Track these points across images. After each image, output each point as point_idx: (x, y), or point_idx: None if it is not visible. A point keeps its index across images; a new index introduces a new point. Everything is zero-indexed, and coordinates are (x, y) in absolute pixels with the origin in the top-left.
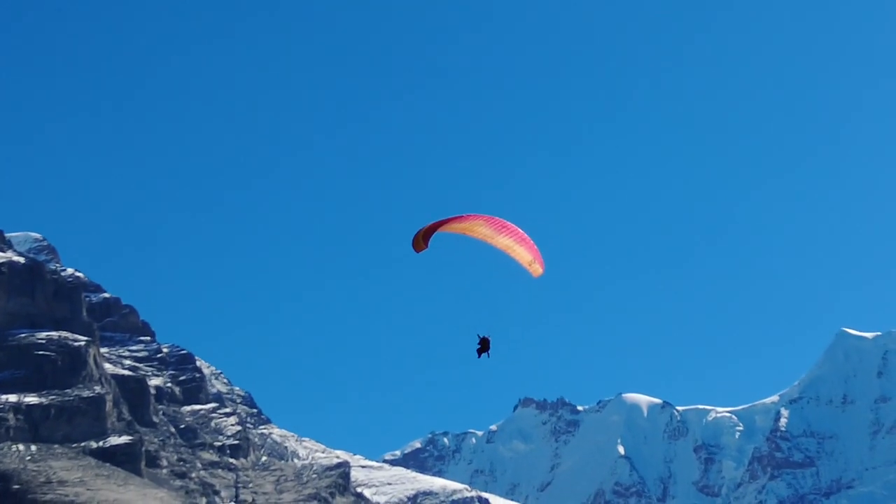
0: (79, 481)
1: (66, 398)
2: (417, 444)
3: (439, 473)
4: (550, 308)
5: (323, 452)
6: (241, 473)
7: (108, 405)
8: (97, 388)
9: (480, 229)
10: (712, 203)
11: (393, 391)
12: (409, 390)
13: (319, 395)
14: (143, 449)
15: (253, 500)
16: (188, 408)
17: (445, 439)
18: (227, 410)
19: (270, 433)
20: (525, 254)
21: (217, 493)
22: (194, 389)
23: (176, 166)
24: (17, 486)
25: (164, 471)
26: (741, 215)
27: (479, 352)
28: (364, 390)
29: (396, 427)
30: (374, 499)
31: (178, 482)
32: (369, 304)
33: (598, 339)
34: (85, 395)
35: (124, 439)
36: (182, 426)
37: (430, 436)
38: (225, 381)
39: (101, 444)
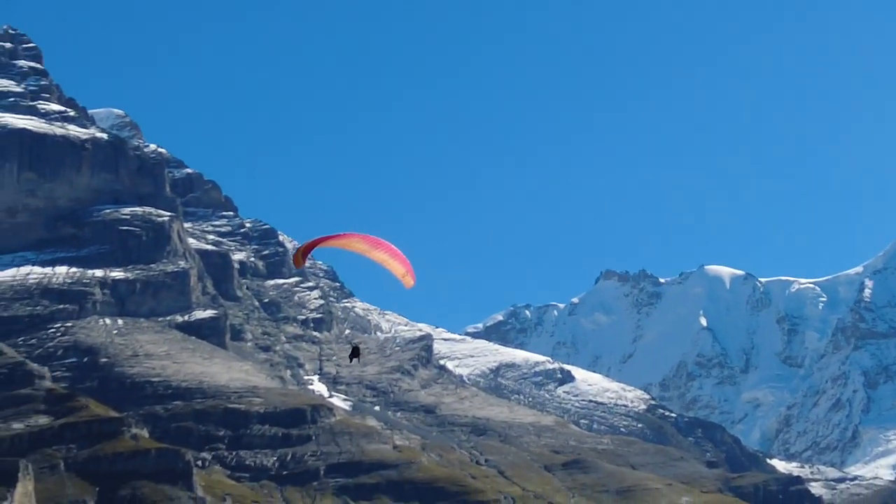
0: (165, 354)
1: (151, 273)
2: (499, 317)
3: (521, 346)
4: (632, 180)
5: (405, 325)
6: (324, 346)
7: (193, 280)
8: (181, 263)
9: (357, 245)
10: (799, 78)
11: (475, 264)
12: (492, 263)
13: None
14: (228, 323)
15: (336, 372)
16: (271, 282)
17: (527, 312)
18: (310, 284)
19: (353, 307)
20: (399, 267)
21: (301, 365)
22: (277, 264)
23: (251, 39)
24: (104, 360)
25: (249, 344)
26: (828, 88)
27: (351, 357)
28: (446, 263)
29: (478, 300)
30: (457, 371)
31: (263, 355)
32: (452, 176)
33: (681, 211)
34: (169, 270)
35: (209, 313)
36: (266, 300)
37: (511, 308)
38: (309, 256)
39: (186, 318)
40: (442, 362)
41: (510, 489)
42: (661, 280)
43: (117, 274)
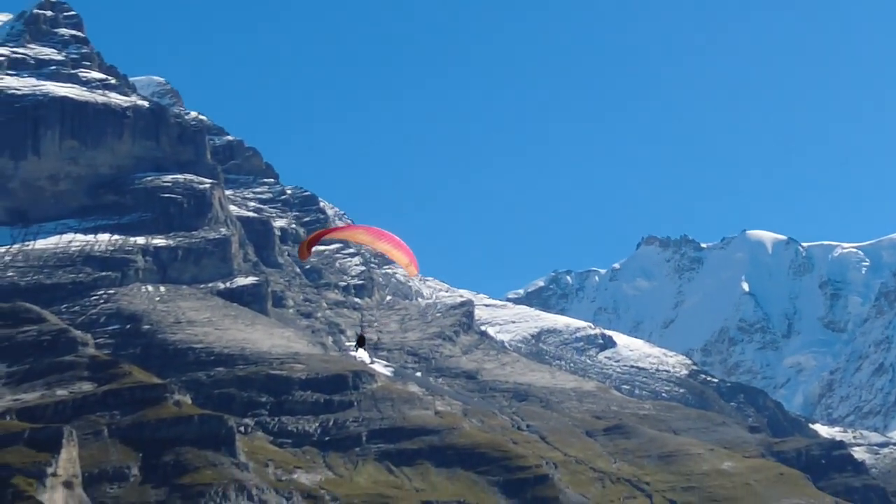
0: (207, 321)
1: (193, 240)
2: (540, 283)
3: (562, 311)
4: (674, 144)
5: (447, 292)
6: (365, 313)
7: (234, 246)
8: (223, 230)
9: (361, 237)
10: (835, 41)
11: (516, 230)
12: (533, 229)
13: (442, 235)
14: (269, 289)
15: (378, 338)
16: (313, 248)
17: (568, 278)
18: (352, 251)
19: (394, 273)
20: (402, 257)
21: (342, 332)
22: (319, 230)
23: (290, 5)
24: (147, 327)
25: (291, 311)
26: (869, 50)
27: (357, 345)
28: (487, 229)
29: (519, 266)
30: (498, 337)
31: (305, 322)
32: (493, 142)
33: (723, 176)
34: (211, 237)
35: (250, 280)
36: (307, 266)
37: (553, 274)
38: (348, 221)
39: (227, 284)
40: (483, 328)
41: (552, 454)
42: (703, 245)
43: (159, 241)
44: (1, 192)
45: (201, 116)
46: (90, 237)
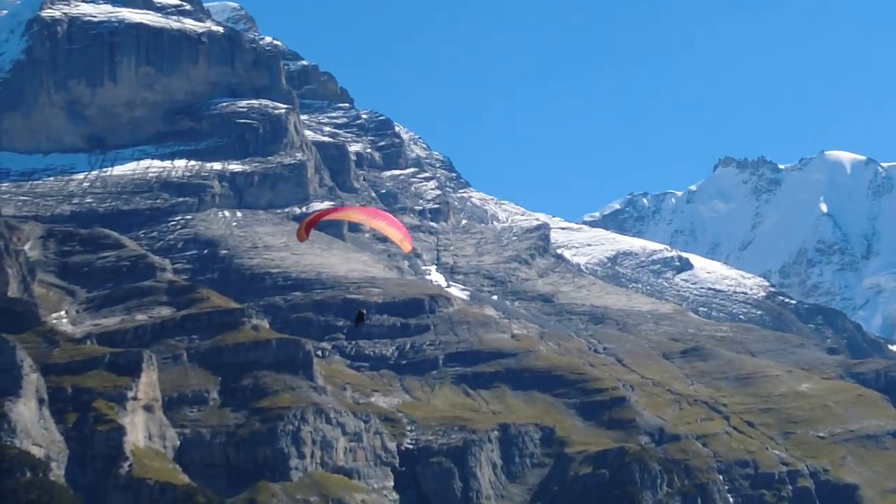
0: (283, 246)
1: (269, 165)
2: (616, 205)
3: (639, 234)
4: (752, 64)
5: (522, 215)
6: (441, 237)
7: (310, 171)
8: (298, 155)
9: (357, 216)
10: None
11: (592, 152)
12: (608, 151)
13: (518, 158)
14: None
15: (454, 262)
16: (388, 173)
17: (645, 200)
18: (427, 175)
19: (470, 197)
20: (396, 233)
21: (419, 256)
22: (393, 155)
23: None
24: (224, 252)
25: (366, 235)
26: None
27: (356, 322)
28: (562, 151)
29: (595, 188)
30: (574, 260)
31: (380, 246)
32: (566, 62)
33: (801, 96)
34: (287, 162)
35: (326, 205)
36: (382, 191)
37: (629, 197)
38: (423, 145)
39: (303, 209)
40: (559, 251)
41: (628, 377)
42: (781, 166)
43: (235, 167)
44: (78, 118)
45: (276, 41)
46: (167, 163)
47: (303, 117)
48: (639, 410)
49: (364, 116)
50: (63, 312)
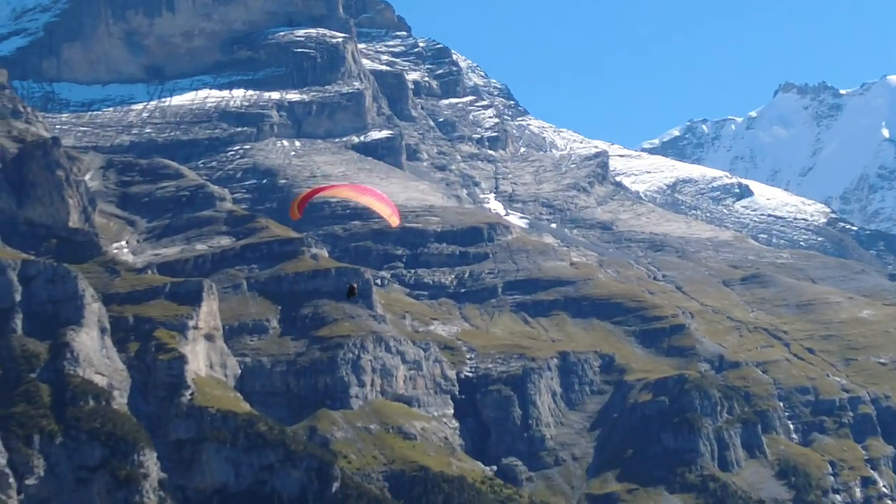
0: (342, 175)
1: (327, 94)
2: (675, 132)
3: (698, 161)
4: None
5: (581, 142)
6: (499, 165)
7: (368, 100)
8: (356, 84)
9: (346, 193)
10: None
11: (650, 78)
12: (667, 77)
13: (576, 85)
14: (403, 143)
15: (512, 190)
16: (445, 101)
17: (704, 126)
18: (485, 103)
19: (528, 125)
20: (384, 208)
21: (477, 184)
22: (451, 83)
23: None
24: (283, 181)
25: (425, 164)
26: None
27: (349, 294)
28: (621, 78)
29: (654, 115)
30: (633, 187)
31: (439, 174)
32: None
33: (862, 19)
34: (345, 91)
35: (384, 133)
36: (440, 119)
37: (688, 123)
38: (481, 73)
39: (362, 138)
40: (618, 179)
41: (688, 304)
42: (842, 91)
43: (293, 96)
44: (136, 49)
45: None
46: (225, 93)
47: (360, 46)
48: (698, 338)
49: (421, 45)
50: (123, 242)
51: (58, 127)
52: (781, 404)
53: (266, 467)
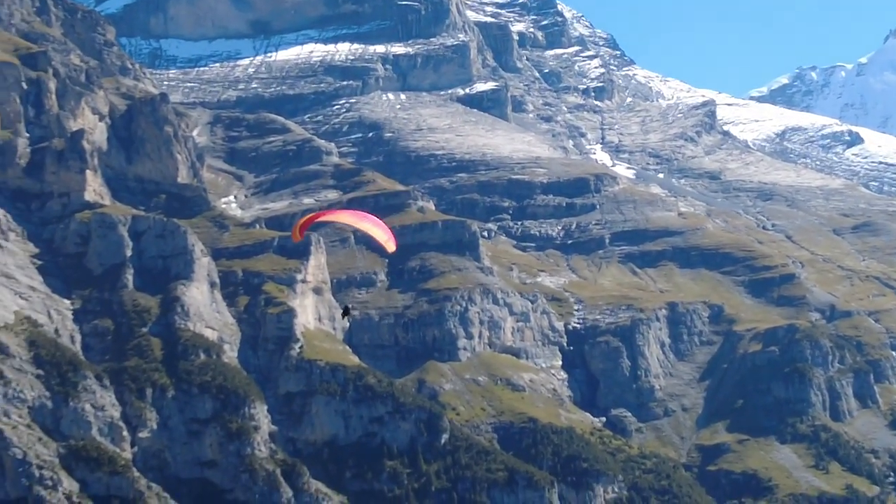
0: (448, 128)
1: (432, 47)
2: (784, 80)
3: (807, 109)
4: None
5: (687, 92)
6: (606, 115)
7: (473, 52)
8: (461, 36)
9: (346, 218)
10: None
11: (757, 25)
12: (775, 24)
13: (682, 34)
14: (509, 94)
15: (619, 140)
16: (551, 52)
17: (813, 74)
18: (590, 53)
19: (634, 74)
20: (381, 234)
21: (583, 135)
22: (556, 34)
23: None
24: (389, 135)
25: (530, 115)
26: None
27: (343, 315)
28: (727, 26)
29: (762, 63)
30: (741, 136)
31: (545, 126)
32: None
33: None
34: (449, 44)
35: (490, 85)
36: (546, 70)
37: (796, 71)
38: (587, 23)
39: (467, 90)
40: (726, 128)
41: (798, 254)
42: None
43: (398, 49)
44: (242, 4)
45: None
46: (330, 47)
47: None
48: (809, 287)
49: None
50: (232, 197)
51: (165, 83)
52: (894, 353)
53: (375, 419)
